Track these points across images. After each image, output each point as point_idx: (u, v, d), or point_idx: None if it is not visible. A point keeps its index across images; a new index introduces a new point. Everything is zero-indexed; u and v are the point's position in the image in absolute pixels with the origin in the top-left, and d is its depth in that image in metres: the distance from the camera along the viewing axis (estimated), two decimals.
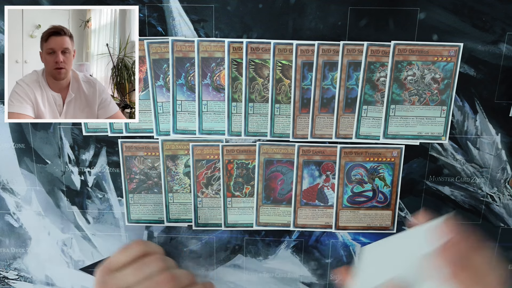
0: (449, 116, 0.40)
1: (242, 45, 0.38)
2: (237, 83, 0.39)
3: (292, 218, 0.43)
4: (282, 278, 0.45)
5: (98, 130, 0.41)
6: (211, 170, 0.42)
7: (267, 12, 0.37)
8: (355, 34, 0.38)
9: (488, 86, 0.39)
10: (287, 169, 0.42)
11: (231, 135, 0.41)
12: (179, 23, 0.38)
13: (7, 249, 0.45)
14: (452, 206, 0.42)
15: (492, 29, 0.37)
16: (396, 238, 0.34)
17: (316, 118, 0.40)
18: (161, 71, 0.39)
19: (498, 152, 0.41)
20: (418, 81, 0.39)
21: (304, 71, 0.39)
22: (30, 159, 0.42)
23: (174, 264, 0.37)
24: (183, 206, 0.43)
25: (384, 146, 0.41)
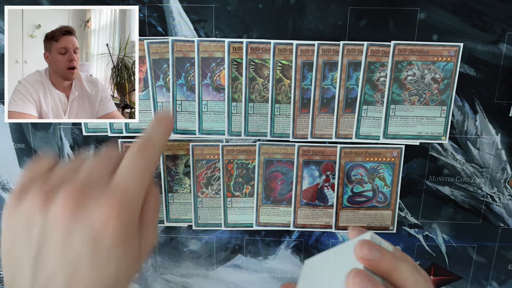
0: (449, 116, 0.40)
1: (242, 45, 0.38)
2: (237, 83, 0.39)
3: (292, 218, 0.43)
4: (282, 278, 0.45)
5: (98, 130, 0.41)
6: (211, 170, 0.42)
7: (267, 12, 0.37)
8: (355, 34, 0.38)
9: (488, 86, 0.39)
10: (287, 169, 0.42)
11: (231, 135, 0.41)
12: (179, 23, 0.38)
13: None
14: (452, 206, 0.42)
15: (492, 29, 0.37)
16: (333, 252, 0.32)
17: (316, 118, 0.40)
18: (161, 71, 0.39)
19: (498, 152, 0.41)
20: (418, 81, 0.39)
21: (304, 71, 0.39)
22: (30, 159, 0.42)
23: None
24: (183, 206, 0.43)
25: (384, 146, 0.41)
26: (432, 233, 0.43)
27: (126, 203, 0.27)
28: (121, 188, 0.27)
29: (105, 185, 0.27)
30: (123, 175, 0.28)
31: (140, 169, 0.29)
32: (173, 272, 0.45)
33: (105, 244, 0.25)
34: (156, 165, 0.31)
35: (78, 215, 0.25)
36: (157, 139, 0.31)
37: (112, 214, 0.26)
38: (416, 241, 0.43)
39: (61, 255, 0.25)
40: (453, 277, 0.44)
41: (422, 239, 0.43)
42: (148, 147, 0.30)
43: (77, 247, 0.25)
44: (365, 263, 0.27)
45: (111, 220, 0.26)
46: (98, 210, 0.26)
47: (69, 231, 0.25)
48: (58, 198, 0.26)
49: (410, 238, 0.43)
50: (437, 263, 0.44)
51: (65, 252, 0.25)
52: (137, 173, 0.29)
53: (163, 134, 0.32)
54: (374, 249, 0.27)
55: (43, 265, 0.25)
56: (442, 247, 0.44)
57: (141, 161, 0.29)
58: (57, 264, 0.25)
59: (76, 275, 0.25)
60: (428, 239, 0.43)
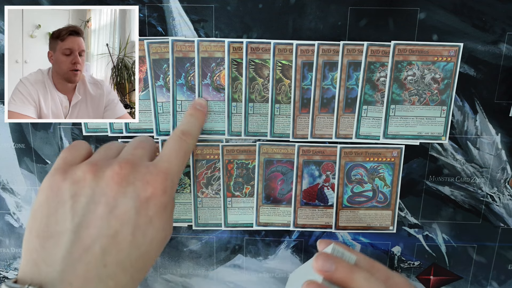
0: (449, 116, 0.40)
1: (242, 45, 0.38)
2: (237, 83, 0.39)
3: (292, 218, 0.43)
4: (282, 278, 0.45)
5: (98, 130, 0.41)
6: (211, 170, 0.42)
7: (267, 12, 0.37)
8: (355, 34, 0.38)
9: (488, 86, 0.39)
10: (287, 169, 0.42)
11: (231, 135, 0.41)
12: (179, 23, 0.38)
13: (7, 249, 0.45)
14: (452, 206, 0.42)
15: (492, 29, 0.37)
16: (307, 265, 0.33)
17: (316, 118, 0.40)
18: (161, 71, 0.39)
19: (498, 152, 0.41)
20: (418, 81, 0.39)
21: (304, 71, 0.39)
22: (30, 159, 0.42)
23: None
24: (183, 206, 0.43)
25: (384, 146, 0.41)
26: (432, 233, 0.43)
27: (170, 180, 0.30)
28: (166, 166, 0.31)
29: (149, 164, 0.31)
30: (167, 155, 0.32)
31: (182, 151, 0.33)
32: (173, 272, 0.45)
33: (148, 214, 0.28)
34: (190, 154, 0.36)
35: (128, 185, 0.28)
36: (195, 129, 0.36)
37: (158, 188, 0.29)
38: (416, 241, 0.44)
39: (106, 219, 0.27)
40: (453, 277, 0.44)
41: (422, 239, 0.43)
42: (188, 133, 0.34)
43: (122, 213, 0.28)
44: (322, 274, 0.29)
45: (156, 193, 0.29)
46: (145, 183, 0.29)
47: (118, 198, 0.28)
48: (109, 170, 0.29)
49: (410, 238, 0.43)
50: (437, 263, 0.44)
51: (110, 217, 0.27)
52: (179, 154, 0.32)
53: (199, 123, 0.37)
54: (329, 261, 0.29)
55: (86, 230, 0.27)
56: (442, 247, 0.44)
57: (183, 144, 0.33)
58: (100, 227, 0.27)
59: (117, 238, 0.27)
60: (428, 239, 0.43)
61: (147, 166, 0.30)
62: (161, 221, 0.29)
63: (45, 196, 0.28)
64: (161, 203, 0.29)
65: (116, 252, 0.27)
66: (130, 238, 0.27)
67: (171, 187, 0.30)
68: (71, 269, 0.25)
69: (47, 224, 0.27)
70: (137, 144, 0.33)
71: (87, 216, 0.27)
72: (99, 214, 0.27)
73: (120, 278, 0.27)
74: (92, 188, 0.28)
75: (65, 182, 0.28)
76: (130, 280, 0.27)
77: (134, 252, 0.28)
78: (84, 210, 0.27)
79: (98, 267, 0.26)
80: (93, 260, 0.26)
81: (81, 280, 0.25)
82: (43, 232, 0.27)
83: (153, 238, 0.29)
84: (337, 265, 0.29)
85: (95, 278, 0.26)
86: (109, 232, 0.27)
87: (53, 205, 0.28)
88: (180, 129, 0.35)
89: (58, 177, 0.29)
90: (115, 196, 0.28)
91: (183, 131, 0.34)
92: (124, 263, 0.27)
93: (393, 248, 0.44)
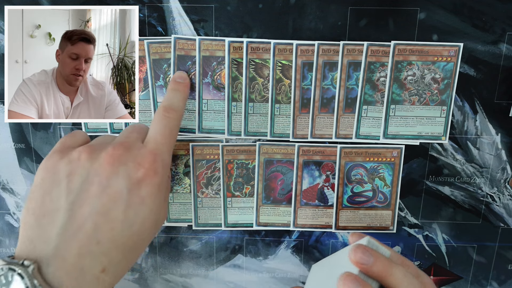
0: (449, 116, 0.40)
1: (242, 45, 0.38)
2: (237, 83, 0.39)
3: (292, 218, 0.43)
4: (282, 278, 0.45)
5: (98, 130, 0.41)
6: (211, 170, 0.42)
7: (267, 12, 0.37)
8: (355, 34, 0.38)
9: (488, 86, 0.39)
10: (287, 169, 0.42)
11: (231, 134, 0.41)
12: (179, 23, 0.38)
13: (7, 249, 0.45)
14: (452, 206, 0.42)
15: (492, 29, 0.37)
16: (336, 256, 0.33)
17: (316, 118, 0.40)
18: (161, 71, 0.39)
19: (498, 152, 0.41)
20: (418, 81, 0.39)
21: (304, 71, 0.39)
22: (30, 159, 0.42)
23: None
24: (183, 206, 0.43)
25: (384, 146, 0.41)
26: (432, 233, 0.43)
27: (160, 160, 0.31)
28: (153, 147, 0.31)
29: (141, 146, 0.31)
30: (153, 135, 0.32)
31: (167, 129, 0.33)
32: (173, 272, 0.45)
33: (140, 194, 0.29)
34: (178, 129, 0.35)
35: (120, 165, 0.29)
36: (178, 102, 0.36)
37: (149, 169, 0.30)
38: (416, 241, 0.43)
39: (99, 198, 0.28)
40: (453, 277, 0.44)
41: (422, 239, 0.43)
42: (170, 109, 0.34)
43: (114, 192, 0.28)
44: (359, 267, 0.28)
45: (148, 174, 0.29)
46: (137, 164, 0.29)
47: (110, 178, 0.28)
48: (103, 152, 0.30)
49: (410, 238, 0.43)
50: (437, 263, 0.44)
51: (103, 195, 0.28)
52: (165, 132, 0.33)
53: (182, 96, 0.37)
54: (367, 254, 0.28)
55: (79, 208, 0.28)
56: (442, 247, 0.44)
57: (167, 121, 0.33)
58: (93, 205, 0.28)
59: (109, 216, 0.28)
60: (428, 239, 0.43)
61: (139, 148, 0.31)
62: (154, 202, 0.30)
63: (42, 176, 0.29)
64: (153, 184, 0.30)
65: (108, 229, 0.27)
66: (122, 216, 0.28)
67: (162, 167, 0.31)
68: (65, 245, 0.26)
69: (43, 202, 0.28)
70: (132, 129, 0.33)
71: (81, 194, 0.28)
72: (92, 193, 0.28)
73: (113, 255, 0.27)
74: (86, 168, 0.29)
75: (61, 161, 0.29)
76: (123, 258, 0.28)
77: (127, 230, 0.28)
78: (78, 189, 0.28)
79: (91, 244, 0.27)
80: (86, 237, 0.27)
81: (75, 256, 0.26)
82: (39, 209, 0.28)
83: (146, 218, 0.29)
84: (376, 258, 0.28)
85: (89, 254, 0.27)
86: (102, 209, 0.28)
87: (49, 184, 0.29)
88: (162, 106, 0.34)
89: (55, 157, 0.30)
90: (108, 176, 0.28)
91: (165, 107, 0.34)
92: (116, 241, 0.28)
93: (393, 248, 0.44)
